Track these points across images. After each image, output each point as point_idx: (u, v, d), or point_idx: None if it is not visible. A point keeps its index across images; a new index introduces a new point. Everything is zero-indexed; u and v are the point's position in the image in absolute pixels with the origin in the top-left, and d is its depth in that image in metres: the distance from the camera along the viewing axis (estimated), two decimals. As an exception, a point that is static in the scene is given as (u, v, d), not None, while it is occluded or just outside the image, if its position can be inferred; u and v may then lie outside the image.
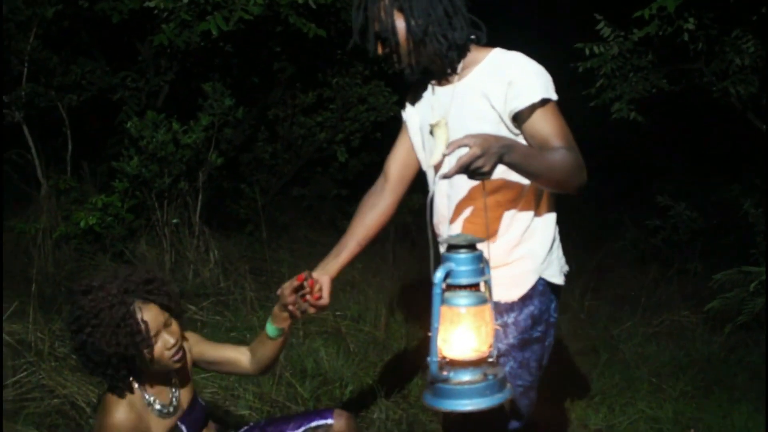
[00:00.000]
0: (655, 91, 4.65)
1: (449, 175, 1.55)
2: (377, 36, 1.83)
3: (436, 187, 1.90)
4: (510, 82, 1.78)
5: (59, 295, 3.77)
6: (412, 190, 2.15)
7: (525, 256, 1.89)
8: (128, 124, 4.33)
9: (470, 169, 1.53)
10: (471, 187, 1.87)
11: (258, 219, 5.09)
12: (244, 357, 2.01)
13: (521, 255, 1.89)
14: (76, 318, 1.73)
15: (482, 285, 1.55)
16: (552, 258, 1.92)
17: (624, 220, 6.03)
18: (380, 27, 1.81)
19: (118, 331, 1.70)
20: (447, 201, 1.94)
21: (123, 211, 4.38)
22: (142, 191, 4.41)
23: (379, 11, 1.80)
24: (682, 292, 4.78)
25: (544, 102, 1.77)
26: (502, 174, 1.79)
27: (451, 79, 1.90)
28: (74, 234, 4.27)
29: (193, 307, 3.95)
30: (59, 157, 4.69)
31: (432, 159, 1.64)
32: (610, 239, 5.93)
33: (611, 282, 5.15)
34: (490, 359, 1.55)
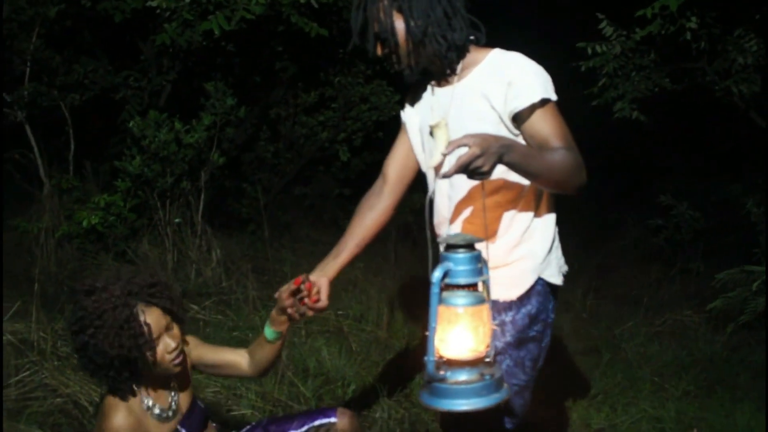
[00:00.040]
0: (657, 90, 4.64)
1: (448, 175, 1.55)
2: (377, 37, 1.83)
3: (436, 187, 1.90)
4: (509, 83, 1.78)
5: (62, 295, 3.78)
6: (413, 190, 2.15)
7: (524, 257, 1.89)
8: (131, 124, 4.34)
9: (469, 169, 1.53)
10: (471, 187, 1.87)
11: (260, 218, 5.10)
12: (243, 360, 2.00)
13: (521, 255, 1.89)
14: (79, 319, 1.72)
15: (480, 285, 1.55)
16: (551, 258, 1.93)
17: (626, 220, 6.03)
18: (379, 28, 1.81)
19: (121, 333, 1.69)
20: (448, 202, 1.94)
21: (125, 210, 4.38)
22: (145, 191, 4.42)
23: (379, 12, 1.80)
24: (684, 292, 4.77)
25: (543, 102, 1.77)
26: (502, 174, 1.80)
27: (450, 80, 1.90)
28: (77, 233, 4.27)
29: (195, 307, 3.95)
30: (62, 157, 4.70)
31: (432, 160, 1.64)
32: (612, 239, 5.93)
33: (613, 281, 5.15)
34: (488, 359, 1.55)
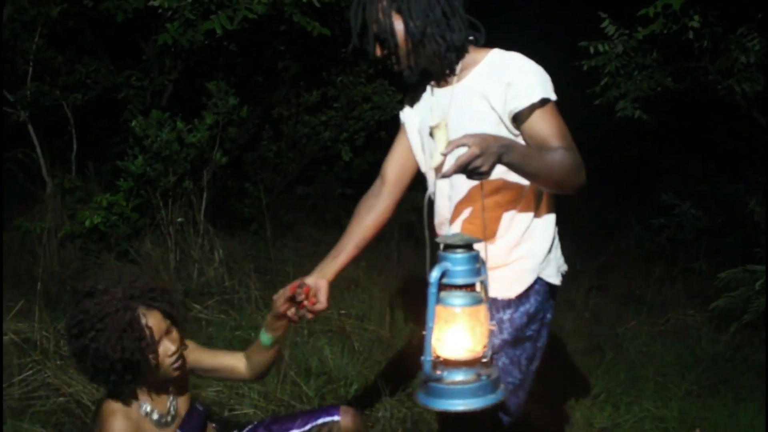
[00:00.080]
0: (659, 89, 4.63)
1: (448, 175, 1.55)
2: (376, 38, 1.83)
3: (437, 188, 1.90)
4: (509, 83, 1.78)
5: (64, 294, 3.78)
6: (416, 189, 2.15)
7: (524, 256, 1.89)
8: (133, 123, 4.34)
9: (469, 169, 1.53)
10: (471, 188, 1.86)
11: (262, 218, 5.10)
12: (240, 364, 1.99)
13: (520, 255, 1.89)
14: (79, 322, 1.71)
15: (478, 285, 1.55)
16: (550, 258, 1.93)
17: (628, 219, 6.02)
18: (379, 29, 1.81)
19: (124, 336, 1.68)
20: (448, 202, 1.94)
21: (128, 210, 4.38)
22: (147, 190, 4.42)
23: (377, 13, 1.80)
24: (687, 291, 4.77)
25: (543, 102, 1.77)
26: (502, 175, 1.80)
27: (449, 81, 1.90)
28: (79, 233, 4.28)
29: (197, 306, 3.96)
30: (64, 156, 4.70)
31: (432, 161, 1.64)
32: (615, 238, 5.92)
33: (616, 281, 5.15)
34: (484, 360, 1.55)
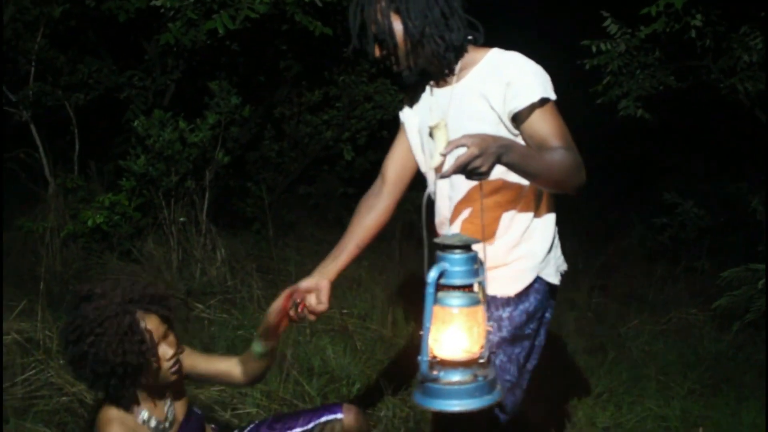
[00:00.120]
0: (662, 88, 4.63)
1: (446, 175, 1.55)
2: (375, 38, 1.82)
3: (437, 188, 1.90)
4: (508, 83, 1.78)
5: (67, 294, 3.77)
6: (417, 189, 2.14)
7: (524, 256, 1.90)
8: (135, 123, 4.34)
9: (468, 169, 1.53)
10: (471, 188, 1.86)
11: (265, 217, 5.10)
12: (235, 369, 1.98)
13: (520, 255, 1.90)
14: (77, 327, 1.69)
15: (476, 286, 1.55)
16: (550, 258, 1.93)
17: (630, 218, 6.01)
18: (377, 29, 1.81)
19: (125, 339, 1.67)
20: (448, 202, 1.94)
21: (130, 209, 4.39)
22: (149, 190, 4.42)
23: (376, 13, 1.80)
24: (689, 290, 4.76)
25: (542, 102, 1.77)
26: (502, 174, 1.79)
27: (449, 81, 1.90)
28: (82, 233, 4.28)
29: (200, 306, 3.96)
30: (66, 156, 4.71)
31: (432, 161, 1.64)
32: (617, 237, 5.91)
33: (618, 280, 5.14)
34: (481, 360, 1.55)
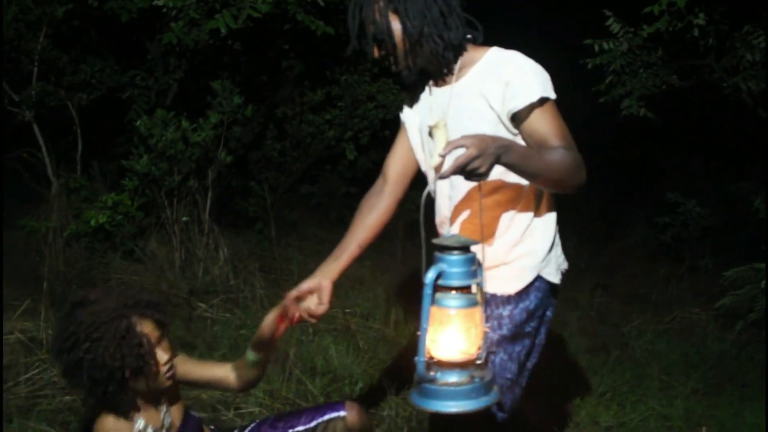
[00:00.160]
0: (665, 87, 4.62)
1: (445, 176, 1.54)
2: (373, 39, 1.82)
3: (437, 188, 1.90)
4: (507, 82, 1.78)
5: (70, 294, 3.79)
6: (419, 189, 2.14)
7: (525, 255, 1.90)
8: (138, 123, 4.35)
9: (467, 170, 1.53)
10: (471, 187, 1.86)
11: (267, 217, 5.10)
12: (229, 376, 1.97)
13: (521, 253, 1.90)
14: (72, 334, 1.68)
15: (474, 287, 1.55)
16: (551, 257, 1.93)
17: (633, 217, 6.01)
18: (376, 29, 1.80)
19: (123, 343, 1.66)
20: (449, 202, 1.94)
21: (133, 209, 4.40)
22: (152, 189, 4.42)
23: (374, 14, 1.79)
24: (692, 289, 4.76)
25: (542, 101, 1.76)
26: (502, 174, 1.79)
27: (448, 80, 1.89)
28: (85, 232, 4.29)
29: (203, 305, 3.96)
30: (69, 156, 4.71)
31: (432, 161, 1.64)
32: (620, 236, 5.91)
33: (621, 279, 5.14)
34: (478, 362, 1.55)
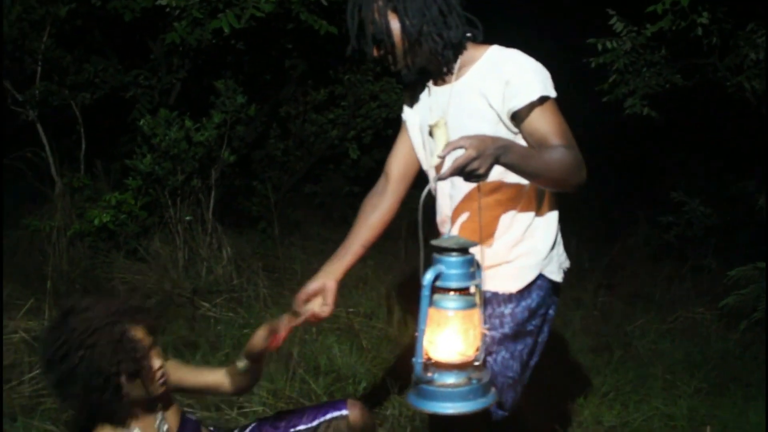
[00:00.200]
0: (668, 86, 4.61)
1: (443, 177, 1.54)
2: (373, 38, 1.81)
3: (438, 187, 1.90)
4: (507, 81, 1.77)
5: (74, 293, 3.80)
6: (421, 188, 2.14)
7: (526, 253, 1.89)
8: (141, 122, 4.35)
9: (465, 172, 1.52)
10: (472, 187, 1.85)
11: (270, 216, 5.11)
12: (224, 381, 1.95)
13: (522, 252, 1.89)
14: (64, 342, 1.64)
15: (473, 288, 1.55)
16: (553, 255, 1.93)
17: (637, 217, 5.99)
18: (375, 29, 1.79)
19: (118, 347, 1.64)
20: (450, 201, 1.94)
21: (136, 208, 4.40)
22: (155, 189, 4.43)
23: (373, 13, 1.78)
24: (696, 289, 4.75)
25: (542, 100, 1.75)
26: (503, 173, 1.78)
27: (448, 79, 1.88)
28: (88, 231, 4.30)
29: (206, 304, 3.97)
30: (73, 156, 4.72)
31: (433, 160, 1.63)
32: (623, 235, 5.90)
33: (624, 278, 5.13)
34: (476, 363, 1.55)
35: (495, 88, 1.78)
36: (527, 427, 2.15)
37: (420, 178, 2.10)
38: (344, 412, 1.96)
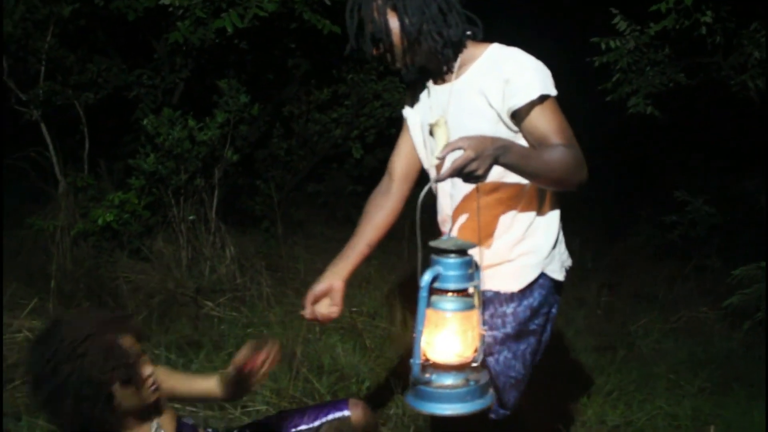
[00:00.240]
0: (672, 85, 4.61)
1: (442, 179, 1.54)
2: (372, 37, 1.80)
3: (438, 186, 1.90)
4: (507, 80, 1.76)
5: (78, 292, 3.81)
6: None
7: (528, 252, 1.89)
8: (144, 122, 4.36)
9: (464, 173, 1.52)
10: (472, 187, 1.84)
11: (274, 215, 5.11)
12: (216, 389, 1.89)
13: (524, 251, 1.89)
14: (54, 354, 1.59)
15: (471, 290, 1.54)
16: (554, 254, 1.92)
17: (640, 216, 5.99)
18: (374, 28, 1.79)
19: (110, 355, 1.61)
20: (450, 201, 1.93)
21: (140, 207, 4.41)
22: (159, 188, 4.43)
23: (373, 12, 1.78)
24: (699, 288, 4.74)
25: (542, 98, 1.75)
26: (503, 172, 1.77)
27: (448, 78, 1.88)
28: (92, 231, 4.30)
29: (209, 303, 3.97)
30: (76, 155, 4.73)
31: (433, 159, 1.63)
32: (626, 235, 5.90)
33: (628, 278, 5.13)
34: (474, 364, 1.55)
35: (495, 87, 1.78)
36: (530, 427, 2.15)
37: (424, 177, 2.10)
38: (346, 412, 1.96)
